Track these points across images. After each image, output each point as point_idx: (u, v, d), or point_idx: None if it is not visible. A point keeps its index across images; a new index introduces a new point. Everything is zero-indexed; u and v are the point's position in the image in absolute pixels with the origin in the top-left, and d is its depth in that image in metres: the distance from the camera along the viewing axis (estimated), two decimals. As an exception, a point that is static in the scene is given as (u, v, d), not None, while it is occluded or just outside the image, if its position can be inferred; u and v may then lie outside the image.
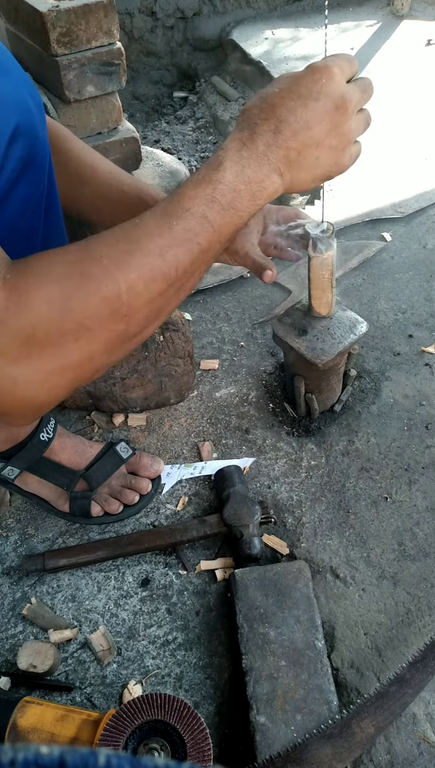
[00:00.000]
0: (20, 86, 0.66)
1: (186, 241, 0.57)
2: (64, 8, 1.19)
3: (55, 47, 1.22)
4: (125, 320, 0.56)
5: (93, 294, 0.54)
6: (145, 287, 0.56)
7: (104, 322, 0.55)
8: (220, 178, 0.59)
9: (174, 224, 0.57)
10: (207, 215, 0.58)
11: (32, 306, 0.52)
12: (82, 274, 0.54)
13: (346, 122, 0.63)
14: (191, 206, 0.58)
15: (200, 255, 0.59)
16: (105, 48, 1.28)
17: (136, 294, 0.56)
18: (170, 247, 0.57)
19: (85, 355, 0.56)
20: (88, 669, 0.91)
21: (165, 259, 0.57)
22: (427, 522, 1.05)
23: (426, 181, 1.78)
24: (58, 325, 0.53)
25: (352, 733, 0.79)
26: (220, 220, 0.59)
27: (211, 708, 0.87)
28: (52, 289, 0.53)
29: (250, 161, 0.60)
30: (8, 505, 1.10)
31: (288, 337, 1.08)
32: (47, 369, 0.55)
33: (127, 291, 0.55)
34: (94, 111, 1.36)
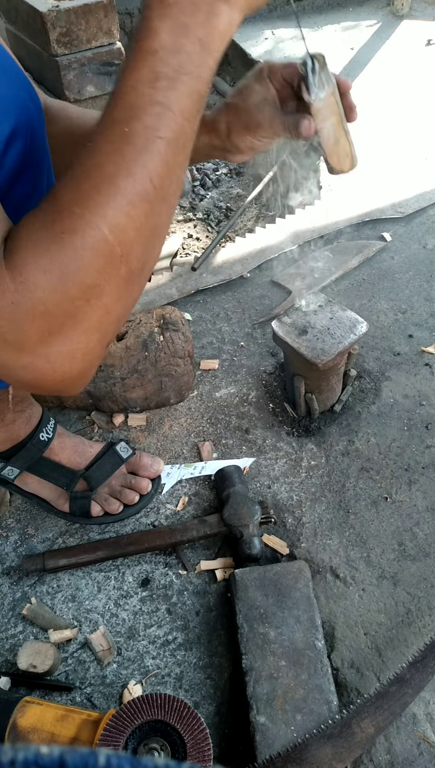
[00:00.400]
0: (18, 87, 0.65)
1: (148, 142, 0.49)
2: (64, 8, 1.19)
3: (55, 47, 1.22)
4: (123, 260, 0.52)
5: (80, 250, 0.49)
6: (127, 218, 0.50)
7: (103, 272, 0.51)
8: (155, 46, 0.48)
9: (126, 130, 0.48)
10: (158, 99, 0.48)
11: (35, 281, 0.49)
12: (62, 232, 0.49)
13: None
14: (136, 97, 0.48)
15: (171, 149, 0.50)
16: (105, 48, 1.28)
17: (121, 229, 0.50)
18: (135, 158, 0.49)
19: (101, 311, 0.53)
20: (88, 669, 0.91)
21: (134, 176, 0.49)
22: (427, 522, 1.05)
23: (426, 181, 1.78)
24: (64, 293, 0.50)
25: (352, 733, 0.79)
26: (176, 96, 0.49)
27: (211, 708, 0.87)
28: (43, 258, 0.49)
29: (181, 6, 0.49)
30: (8, 505, 1.10)
31: (288, 337, 1.08)
32: (73, 339, 0.53)
33: (110, 231, 0.49)
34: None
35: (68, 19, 1.21)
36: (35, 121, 0.67)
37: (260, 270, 1.55)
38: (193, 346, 1.26)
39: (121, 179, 0.49)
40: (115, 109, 0.49)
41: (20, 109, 0.63)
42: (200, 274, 1.52)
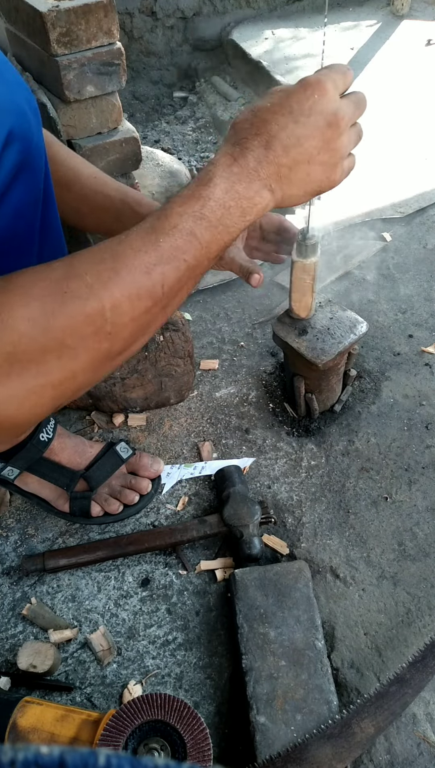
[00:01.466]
0: (15, 90, 0.65)
1: (173, 258, 0.57)
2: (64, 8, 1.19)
3: (55, 47, 1.22)
4: (109, 338, 0.56)
5: (76, 312, 0.53)
6: (130, 305, 0.56)
7: (87, 340, 0.54)
8: (210, 195, 0.58)
9: (161, 241, 0.56)
10: (195, 232, 0.57)
11: (13, 325, 0.51)
12: (65, 292, 0.53)
13: (338, 138, 0.62)
14: (179, 222, 0.57)
15: (187, 272, 0.59)
16: (105, 48, 1.28)
17: (120, 312, 0.55)
18: (156, 264, 0.56)
19: (67, 373, 0.55)
20: (88, 669, 0.91)
21: (151, 276, 0.56)
22: (427, 522, 1.05)
23: (426, 181, 1.78)
24: (40, 343, 0.52)
25: (352, 733, 0.79)
26: (208, 236, 0.58)
27: (211, 708, 0.87)
28: (33, 307, 0.52)
29: (240, 177, 0.59)
30: (8, 505, 1.10)
31: (288, 337, 1.08)
32: (29, 386, 0.54)
33: (111, 309, 0.54)
34: (94, 111, 1.36)
35: (68, 19, 1.21)
36: (32, 126, 0.67)
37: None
38: (193, 346, 1.26)
39: (138, 273, 0.55)
40: (159, 221, 0.57)
41: (17, 114, 0.63)
42: (200, 274, 1.52)
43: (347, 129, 0.63)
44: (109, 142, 1.42)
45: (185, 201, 0.58)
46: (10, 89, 0.64)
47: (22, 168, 0.66)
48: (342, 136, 0.63)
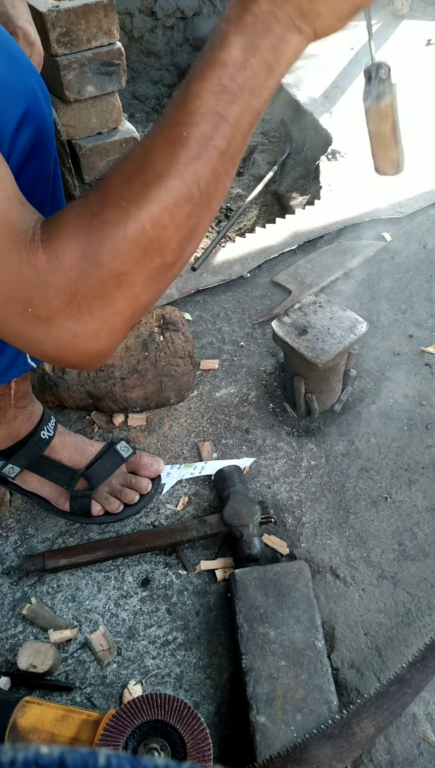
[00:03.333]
0: (28, 73, 0.67)
1: (202, 150, 0.51)
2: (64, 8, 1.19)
3: (55, 47, 1.22)
4: (159, 253, 0.54)
5: (120, 240, 0.52)
6: (169, 216, 0.53)
7: (139, 262, 0.54)
8: (226, 59, 0.50)
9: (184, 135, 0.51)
10: (219, 110, 0.51)
11: (70, 264, 0.52)
12: (104, 222, 0.52)
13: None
14: (199, 105, 0.51)
15: (221, 158, 0.53)
16: (105, 48, 1.28)
17: (162, 226, 0.53)
18: (187, 163, 0.51)
19: (130, 297, 0.56)
20: (88, 669, 0.91)
21: (184, 179, 0.52)
22: (427, 522, 1.05)
23: (426, 181, 1.78)
24: (97, 278, 0.53)
25: (352, 733, 0.79)
26: (235, 110, 0.51)
27: (211, 708, 0.87)
28: (82, 245, 0.52)
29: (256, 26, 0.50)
30: (8, 505, 1.10)
31: (288, 337, 1.08)
32: (100, 319, 0.56)
33: (151, 226, 0.52)
34: (94, 111, 1.36)
35: (68, 19, 1.21)
36: (44, 107, 0.68)
37: (260, 270, 1.55)
38: (193, 346, 1.26)
39: (171, 180, 0.51)
40: (178, 112, 0.51)
41: (30, 95, 0.65)
42: (200, 274, 1.52)
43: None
44: (109, 142, 1.42)
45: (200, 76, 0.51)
46: (23, 71, 0.66)
47: (34, 149, 0.67)
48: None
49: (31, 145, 0.66)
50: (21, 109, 0.63)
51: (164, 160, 0.51)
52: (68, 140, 1.44)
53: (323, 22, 0.53)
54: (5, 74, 0.62)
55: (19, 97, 0.63)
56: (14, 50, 0.66)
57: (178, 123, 0.51)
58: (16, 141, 0.63)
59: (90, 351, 0.58)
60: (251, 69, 0.51)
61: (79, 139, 1.41)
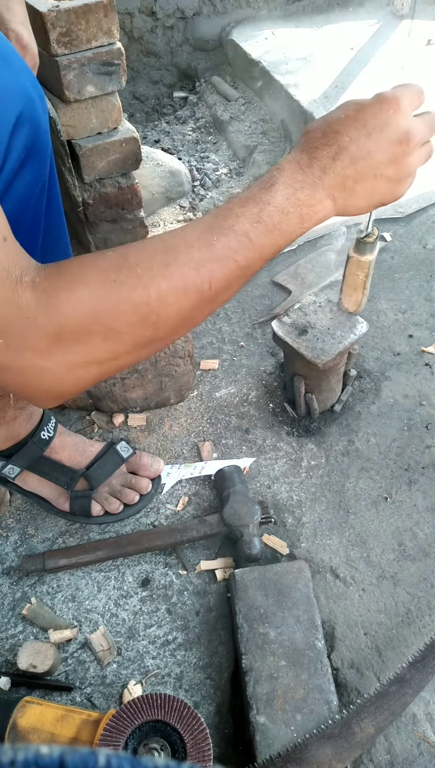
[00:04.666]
0: (22, 76, 0.66)
1: (224, 258, 0.58)
2: (64, 8, 1.19)
3: (55, 47, 1.22)
4: (153, 327, 0.57)
5: (123, 301, 0.55)
6: (175, 298, 0.57)
7: (132, 327, 0.57)
8: (270, 199, 0.59)
9: (214, 240, 0.57)
10: (250, 234, 0.58)
11: (61, 308, 0.54)
12: (115, 281, 0.55)
13: (408, 155, 0.63)
14: (235, 224, 0.58)
15: (237, 272, 0.59)
16: (105, 48, 1.28)
17: (166, 304, 0.57)
18: (207, 262, 0.57)
19: (110, 354, 0.58)
20: (88, 669, 0.91)
21: (199, 273, 0.57)
22: (427, 522, 1.05)
23: (426, 181, 1.78)
24: (86, 326, 0.55)
25: (352, 733, 0.79)
26: (263, 240, 0.59)
27: (211, 708, 0.87)
28: (82, 293, 0.54)
29: (303, 185, 0.59)
30: (8, 505, 1.10)
31: (288, 337, 1.08)
32: (73, 363, 0.57)
33: (157, 300, 0.56)
34: (94, 111, 1.36)
35: (68, 19, 1.21)
36: (39, 110, 0.68)
37: (260, 270, 1.54)
38: (193, 346, 1.26)
39: (188, 269, 0.57)
40: (216, 219, 0.59)
41: (25, 98, 0.65)
42: (200, 274, 1.52)
43: (417, 147, 0.64)
44: (109, 142, 1.42)
45: (245, 203, 0.59)
46: (17, 74, 0.65)
47: (30, 153, 0.67)
48: (412, 153, 0.63)
49: (27, 148, 0.66)
50: (16, 113, 0.63)
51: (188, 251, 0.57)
52: (68, 140, 1.43)
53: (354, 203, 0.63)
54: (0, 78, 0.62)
55: (14, 101, 0.63)
56: (9, 53, 0.66)
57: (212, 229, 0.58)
58: (12, 144, 0.63)
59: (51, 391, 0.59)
60: (287, 216, 0.59)
61: (79, 139, 1.41)
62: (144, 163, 1.59)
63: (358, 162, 0.61)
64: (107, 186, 1.41)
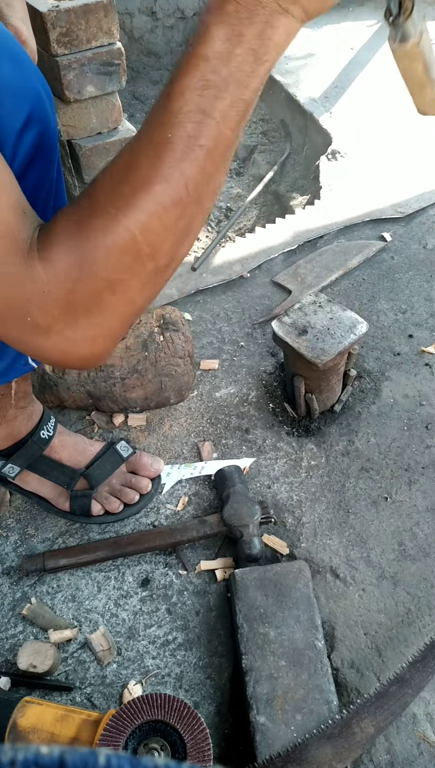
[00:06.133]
0: (31, 75, 0.67)
1: (187, 151, 0.49)
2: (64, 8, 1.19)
3: (55, 47, 1.22)
4: (151, 258, 0.54)
5: (109, 248, 0.52)
6: (159, 221, 0.52)
7: (131, 269, 0.54)
8: (207, 52, 0.48)
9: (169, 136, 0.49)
10: (203, 107, 0.48)
11: (65, 273, 0.52)
12: (94, 230, 0.52)
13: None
14: (182, 104, 0.48)
15: (209, 157, 0.51)
16: (105, 48, 1.28)
17: (152, 232, 0.52)
18: (174, 166, 0.50)
19: (125, 302, 0.56)
20: (88, 669, 0.91)
21: (170, 183, 0.50)
22: (427, 522, 1.05)
23: (426, 181, 1.78)
24: (90, 286, 0.53)
25: (352, 733, 0.79)
26: (221, 105, 0.49)
27: (211, 708, 0.87)
28: (75, 253, 0.52)
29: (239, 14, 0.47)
30: (8, 505, 1.10)
31: (288, 337, 1.08)
32: (97, 325, 0.56)
33: (141, 233, 0.51)
34: (94, 111, 1.36)
35: (68, 19, 1.21)
36: (48, 109, 0.68)
37: (260, 270, 1.55)
38: (193, 346, 1.26)
39: (157, 185, 0.50)
40: (162, 113, 0.50)
41: (34, 98, 0.65)
42: (200, 274, 1.52)
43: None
44: (109, 142, 1.42)
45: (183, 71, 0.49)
46: (27, 74, 0.66)
47: (38, 151, 0.67)
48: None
49: (35, 148, 0.66)
50: (25, 112, 0.63)
51: (150, 164, 0.50)
52: (68, 140, 1.44)
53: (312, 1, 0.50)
54: (10, 77, 0.62)
55: (24, 100, 0.63)
56: (19, 52, 0.66)
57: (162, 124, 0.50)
58: (21, 143, 0.63)
59: (89, 355, 0.59)
60: (236, 60, 0.48)
61: (79, 139, 1.41)
62: (144, 163, 1.59)
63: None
64: (107, 186, 1.40)
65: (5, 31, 0.67)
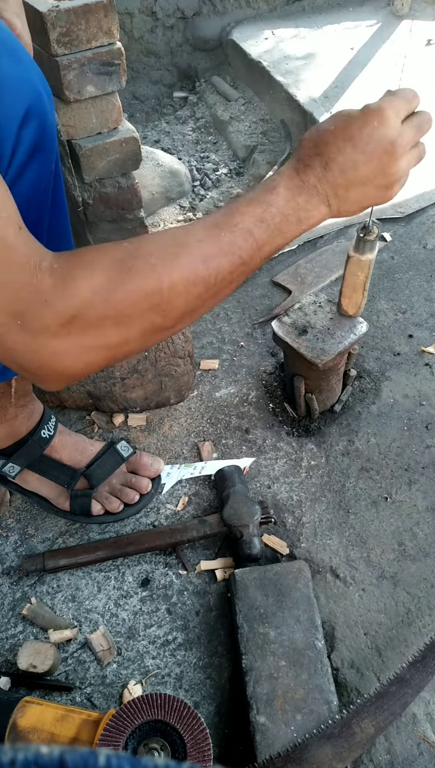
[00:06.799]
0: (30, 70, 0.67)
1: (229, 252, 0.62)
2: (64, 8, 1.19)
3: (55, 47, 1.22)
4: (163, 314, 0.61)
5: (137, 288, 0.59)
6: (185, 288, 0.61)
7: (144, 313, 0.60)
8: (272, 201, 0.64)
9: (222, 235, 0.62)
10: (253, 232, 0.63)
11: (78, 294, 0.57)
12: (130, 269, 0.58)
13: (395, 164, 0.66)
14: (240, 222, 0.62)
15: (240, 266, 0.63)
16: (105, 48, 1.28)
17: (176, 293, 0.60)
18: (214, 255, 0.61)
19: (121, 339, 0.61)
20: (88, 669, 0.91)
21: (208, 265, 0.61)
22: (427, 522, 1.05)
23: (426, 181, 1.78)
24: (101, 312, 0.58)
25: (352, 733, 0.79)
26: (264, 238, 0.64)
27: (211, 708, 0.87)
28: (98, 280, 0.57)
29: (301, 190, 0.65)
30: (8, 505, 1.10)
31: (288, 337, 1.08)
32: (85, 346, 0.60)
33: (168, 289, 0.60)
34: (94, 111, 1.36)
35: (68, 19, 1.21)
36: (46, 104, 0.69)
37: (260, 270, 1.55)
38: (193, 346, 1.26)
39: (197, 262, 0.61)
40: (223, 217, 0.63)
41: (33, 93, 0.65)
42: (200, 274, 1.52)
43: (405, 153, 0.67)
44: (109, 142, 1.42)
45: (249, 204, 0.64)
46: (26, 69, 0.66)
47: (37, 147, 0.67)
48: (399, 161, 0.66)
49: (35, 143, 0.66)
50: (24, 107, 0.64)
51: (198, 244, 0.61)
52: (68, 140, 1.43)
53: (347, 207, 0.67)
54: (8, 72, 0.63)
55: (23, 95, 0.64)
56: (17, 48, 0.67)
57: (219, 225, 0.63)
58: (20, 138, 0.64)
59: (62, 371, 0.62)
60: (287, 217, 0.64)
61: (79, 139, 1.41)
62: (144, 163, 1.59)
63: (347, 172, 0.65)
64: (107, 186, 1.41)
65: (2, 26, 0.67)
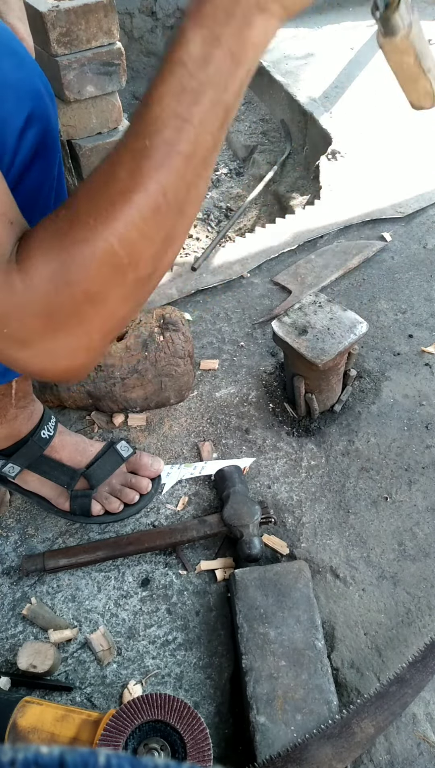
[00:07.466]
0: (34, 74, 0.67)
1: (165, 158, 0.48)
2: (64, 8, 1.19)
3: (55, 47, 1.22)
4: (132, 269, 0.52)
5: (88, 260, 0.50)
6: (138, 232, 0.50)
7: (110, 281, 0.52)
8: (184, 56, 0.46)
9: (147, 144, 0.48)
10: (181, 113, 0.47)
11: (41, 286, 0.51)
12: (73, 241, 0.50)
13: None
14: (160, 111, 0.47)
15: (188, 163, 0.49)
16: (105, 48, 1.28)
17: (131, 242, 0.50)
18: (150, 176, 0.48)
19: (105, 314, 0.55)
20: (88, 669, 0.91)
21: (148, 191, 0.49)
22: (427, 522, 1.05)
23: (426, 181, 1.78)
24: (69, 298, 0.52)
25: (352, 733, 0.79)
26: (199, 110, 0.47)
27: (211, 708, 0.87)
28: (53, 265, 0.51)
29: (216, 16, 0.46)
30: (8, 505, 1.10)
31: (288, 337, 1.08)
32: (76, 337, 0.55)
33: (120, 244, 0.50)
34: (94, 111, 1.36)
35: (68, 19, 1.21)
36: (49, 107, 0.68)
37: (260, 270, 1.55)
38: (193, 346, 1.26)
39: (135, 194, 0.49)
40: (140, 121, 0.49)
41: (35, 96, 0.65)
42: (200, 274, 1.52)
43: None
44: (109, 142, 1.42)
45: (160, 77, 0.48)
46: (28, 72, 0.66)
47: (39, 151, 0.67)
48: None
49: (37, 146, 0.66)
50: (27, 110, 0.63)
51: (128, 173, 0.49)
52: (68, 140, 1.44)
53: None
54: (11, 75, 0.62)
55: (26, 98, 0.63)
56: (20, 51, 0.67)
57: (140, 132, 0.49)
58: (23, 141, 0.63)
59: (69, 368, 0.58)
60: (214, 63, 0.47)
61: (79, 139, 1.41)
62: (144, 163, 1.59)
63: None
64: (107, 186, 1.41)
65: (6, 29, 0.67)
